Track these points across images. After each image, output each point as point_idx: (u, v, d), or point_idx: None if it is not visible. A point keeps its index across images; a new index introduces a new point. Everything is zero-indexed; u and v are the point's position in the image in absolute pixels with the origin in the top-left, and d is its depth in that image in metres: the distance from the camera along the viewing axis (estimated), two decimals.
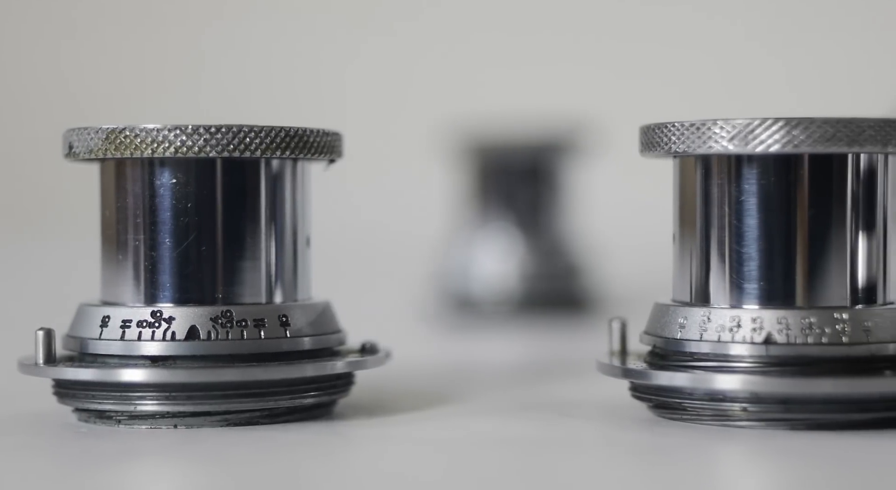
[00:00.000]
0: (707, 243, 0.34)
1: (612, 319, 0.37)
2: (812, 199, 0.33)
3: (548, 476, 0.29)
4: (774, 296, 0.33)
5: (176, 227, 0.34)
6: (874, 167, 0.34)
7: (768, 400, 0.33)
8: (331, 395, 0.35)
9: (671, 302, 0.35)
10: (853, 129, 0.32)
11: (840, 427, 0.32)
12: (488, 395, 0.39)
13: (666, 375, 0.34)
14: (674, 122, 0.34)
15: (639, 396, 0.35)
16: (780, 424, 0.33)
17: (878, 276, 0.34)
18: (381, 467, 0.30)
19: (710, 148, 0.33)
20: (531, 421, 0.35)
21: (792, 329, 0.33)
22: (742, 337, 0.33)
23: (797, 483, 0.29)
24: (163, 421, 0.33)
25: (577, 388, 0.41)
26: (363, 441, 0.33)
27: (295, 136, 0.34)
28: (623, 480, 0.29)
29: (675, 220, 0.35)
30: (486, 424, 0.35)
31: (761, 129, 0.33)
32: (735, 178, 0.34)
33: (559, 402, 0.38)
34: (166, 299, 0.34)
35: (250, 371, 0.33)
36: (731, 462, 0.31)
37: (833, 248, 0.33)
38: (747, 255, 0.34)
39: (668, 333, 0.34)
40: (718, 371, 0.33)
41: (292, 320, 0.34)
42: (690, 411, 0.34)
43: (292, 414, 0.34)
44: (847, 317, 0.33)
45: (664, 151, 0.34)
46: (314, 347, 0.34)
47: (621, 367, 0.35)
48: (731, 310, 0.33)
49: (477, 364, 0.51)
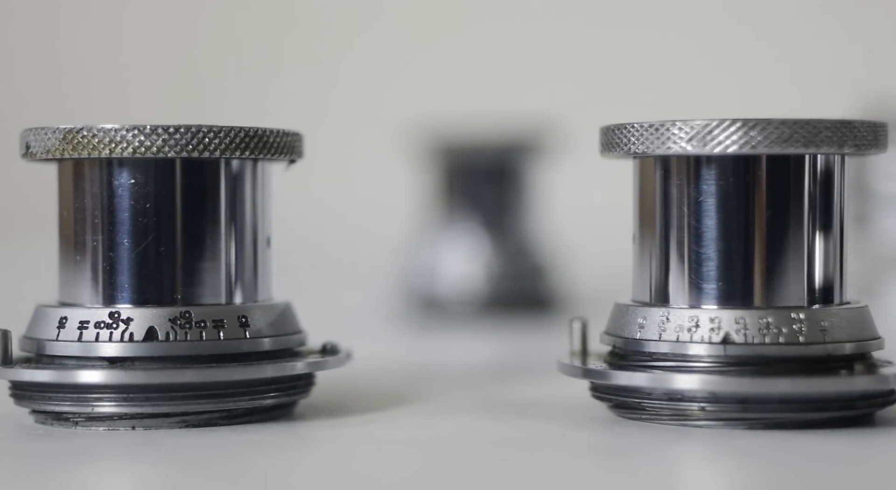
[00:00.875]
0: (666, 244, 0.34)
1: (572, 319, 0.37)
2: (770, 199, 0.33)
3: (506, 476, 0.29)
4: (733, 296, 0.33)
5: (134, 227, 0.33)
6: (831, 168, 0.34)
7: (726, 399, 0.33)
8: (291, 395, 0.35)
9: (631, 302, 0.35)
10: (810, 130, 0.33)
11: (797, 426, 0.33)
12: (450, 396, 0.39)
13: (625, 375, 0.34)
14: (633, 122, 0.34)
15: (599, 396, 0.35)
16: (737, 424, 0.33)
17: (835, 276, 0.34)
18: (340, 468, 0.30)
19: (668, 149, 0.33)
20: (491, 421, 0.35)
21: (749, 329, 0.33)
22: (700, 337, 0.33)
23: (755, 482, 0.29)
24: (121, 422, 0.33)
25: (539, 388, 0.41)
26: (322, 442, 0.33)
27: (254, 137, 0.34)
28: (581, 480, 0.29)
29: (635, 220, 0.36)
30: (446, 425, 0.35)
31: (719, 130, 0.33)
32: (694, 178, 0.34)
33: (520, 402, 0.38)
34: (124, 300, 0.33)
35: (209, 372, 0.33)
36: (690, 462, 0.31)
37: (790, 249, 0.34)
38: (706, 256, 0.34)
39: (627, 333, 0.34)
40: (677, 371, 0.33)
41: (252, 321, 0.34)
42: (649, 411, 0.34)
43: (252, 415, 0.34)
44: (804, 317, 0.33)
45: (624, 152, 0.35)
46: (274, 348, 0.34)
47: (581, 367, 0.35)
48: (690, 310, 0.34)
49: (441, 364, 0.51)
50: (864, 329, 0.34)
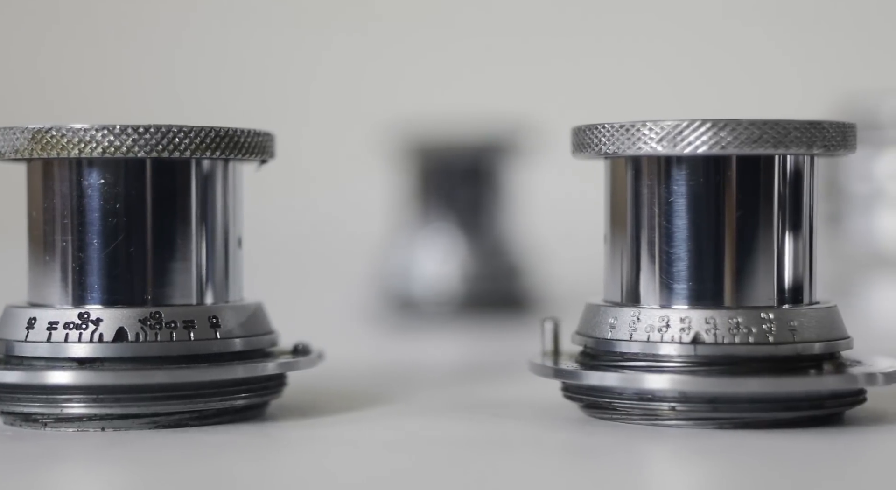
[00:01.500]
0: (637, 244, 0.34)
1: (544, 320, 0.37)
2: (740, 200, 0.34)
3: (476, 476, 0.29)
4: (703, 296, 0.34)
5: (104, 227, 0.33)
6: (800, 168, 0.34)
7: (696, 399, 0.33)
8: (262, 396, 0.35)
9: (602, 302, 0.35)
10: (779, 131, 0.33)
11: (766, 426, 0.33)
12: (422, 396, 0.39)
13: (596, 375, 0.34)
14: (604, 123, 0.34)
15: (570, 396, 0.35)
16: (707, 423, 0.33)
17: (805, 276, 0.34)
18: (310, 468, 0.30)
19: (639, 149, 0.34)
20: (462, 421, 0.35)
21: (719, 329, 0.33)
22: (671, 337, 0.33)
23: (724, 481, 0.29)
24: (90, 423, 0.33)
25: (511, 388, 0.41)
26: (293, 442, 0.33)
27: (225, 137, 0.34)
28: (551, 480, 0.29)
29: (606, 220, 0.36)
30: (417, 425, 0.35)
31: (689, 131, 0.33)
32: (664, 179, 0.34)
33: (492, 402, 0.38)
34: (94, 301, 0.33)
35: (179, 373, 0.33)
36: (660, 461, 0.31)
37: (760, 249, 0.34)
38: (676, 256, 0.34)
39: (598, 334, 0.34)
40: (647, 371, 0.33)
41: (223, 321, 0.34)
42: (620, 411, 0.34)
43: (222, 416, 0.34)
44: (773, 317, 0.33)
45: (595, 152, 0.35)
46: (245, 349, 0.34)
47: (552, 367, 0.35)
48: (661, 310, 0.34)
49: (415, 364, 0.51)
50: (834, 329, 0.34)
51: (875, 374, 0.33)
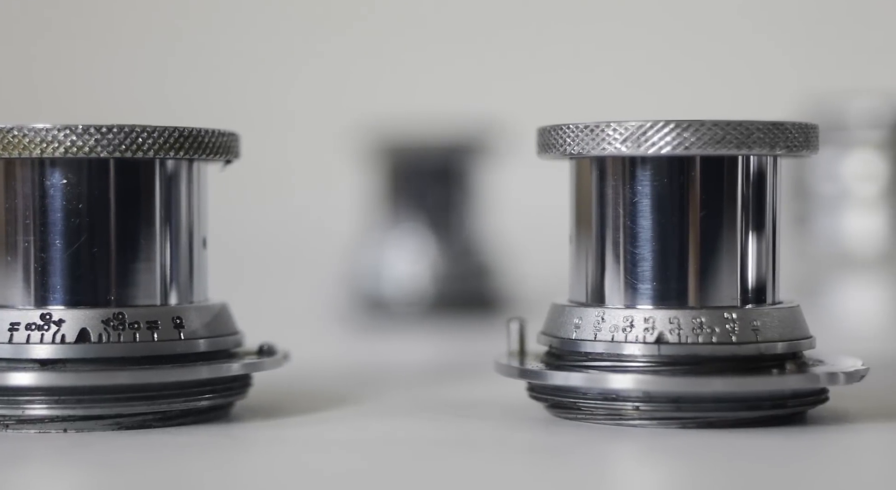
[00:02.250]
0: (602, 244, 0.35)
1: (510, 320, 0.37)
2: (703, 200, 0.34)
3: (439, 476, 0.29)
4: (667, 296, 0.34)
5: (67, 228, 0.33)
6: (764, 169, 0.34)
7: (660, 399, 0.33)
8: (226, 397, 0.34)
9: (567, 302, 0.35)
10: (742, 132, 0.33)
11: (729, 425, 0.33)
12: (388, 396, 0.39)
13: (561, 375, 0.34)
14: (568, 124, 0.34)
15: (535, 396, 0.35)
16: (671, 423, 0.33)
17: (768, 276, 0.34)
18: (274, 469, 0.30)
19: (603, 150, 0.34)
20: (427, 421, 0.35)
21: (683, 329, 0.33)
22: (635, 337, 0.33)
23: (688, 481, 0.29)
24: (52, 425, 0.33)
25: (478, 388, 0.41)
26: (257, 443, 0.33)
27: (189, 137, 0.34)
28: (514, 479, 0.29)
29: (572, 221, 0.36)
30: (382, 425, 0.35)
31: (653, 132, 0.33)
32: (629, 179, 0.34)
33: (458, 402, 0.38)
34: (57, 302, 0.33)
35: (142, 374, 0.32)
36: (623, 461, 0.31)
37: (724, 249, 0.34)
38: (641, 256, 0.34)
39: (563, 334, 0.35)
40: (612, 371, 0.33)
41: (186, 322, 0.34)
42: (585, 411, 0.34)
43: (186, 417, 0.34)
44: (736, 316, 0.33)
45: (560, 153, 0.35)
46: (209, 349, 0.34)
47: (518, 367, 0.35)
48: (625, 310, 0.34)
49: (383, 365, 0.51)
50: (796, 328, 0.34)
51: (837, 373, 0.33)
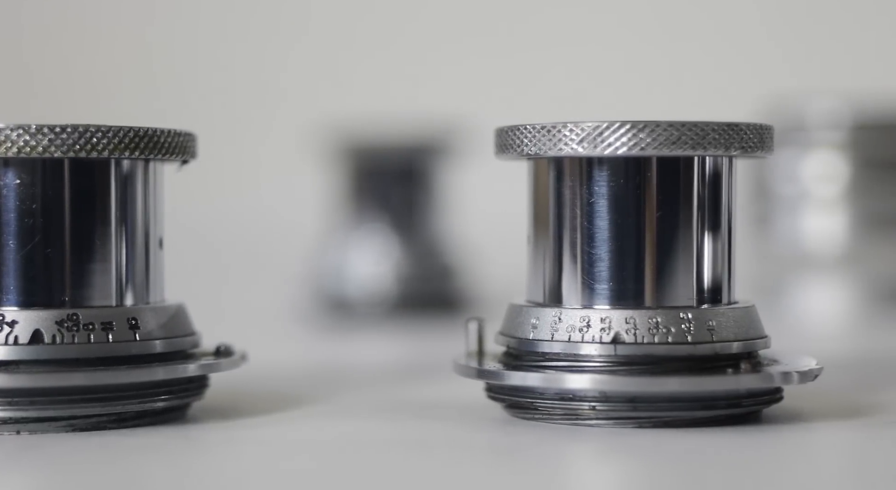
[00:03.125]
0: (559, 244, 0.35)
1: (468, 320, 0.37)
2: (660, 200, 0.34)
3: (394, 477, 0.29)
4: (623, 296, 0.34)
5: (20, 228, 0.33)
6: (719, 169, 0.34)
7: (616, 399, 0.33)
8: (183, 398, 0.34)
9: (525, 302, 0.35)
10: (697, 133, 0.33)
11: (685, 424, 0.33)
12: (347, 397, 0.39)
13: (518, 375, 0.34)
14: (525, 124, 0.34)
15: (493, 397, 0.35)
16: (627, 423, 0.33)
17: (724, 276, 0.35)
18: (228, 470, 0.30)
19: (560, 150, 0.34)
20: (385, 422, 0.35)
21: (639, 329, 0.33)
22: (591, 337, 0.33)
23: (643, 480, 0.30)
24: (5, 427, 0.32)
25: (437, 389, 0.41)
26: (212, 444, 0.33)
27: (144, 137, 0.34)
28: (469, 480, 0.29)
29: (529, 221, 0.36)
30: (338, 426, 0.35)
31: (609, 132, 0.33)
32: (586, 180, 0.34)
33: (417, 403, 0.38)
34: (10, 303, 0.33)
35: (96, 375, 0.32)
36: (579, 461, 0.31)
37: (680, 249, 0.34)
38: (597, 257, 0.34)
39: (521, 334, 0.35)
40: (569, 371, 0.33)
41: (142, 323, 0.34)
42: (542, 411, 0.34)
43: (142, 418, 0.34)
44: (692, 316, 0.33)
45: (517, 153, 0.35)
46: (165, 350, 0.34)
47: (475, 367, 0.35)
48: (582, 310, 0.34)
49: (345, 365, 0.51)
50: (751, 328, 0.34)
51: (791, 372, 0.33)
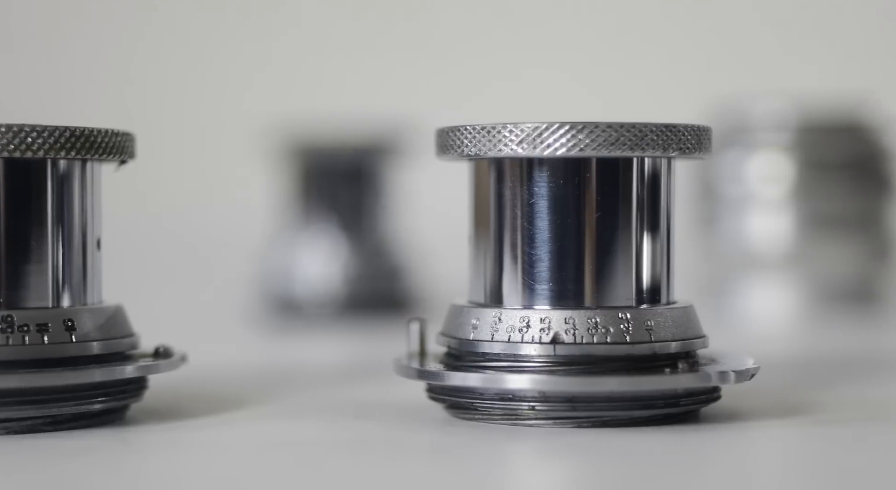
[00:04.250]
0: (500, 245, 0.35)
1: (410, 320, 0.37)
2: (599, 201, 0.34)
3: (332, 478, 0.29)
4: (563, 296, 0.34)
5: None
6: (658, 170, 0.35)
7: (555, 399, 0.33)
8: (120, 400, 0.34)
9: (466, 303, 0.35)
10: (635, 134, 0.33)
11: (623, 424, 0.33)
12: (290, 398, 0.39)
13: (459, 376, 0.34)
14: (466, 125, 0.35)
15: (434, 397, 0.35)
16: (566, 422, 0.33)
17: (663, 276, 0.35)
18: (162, 472, 0.30)
19: (500, 151, 0.34)
20: (326, 423, 0.35)
21: (578, 329, 0.33)
22: (531, 337, 0.33)
23: (582, 479, 0.30)
24: None
25: (380, 389, 0.41)
26: (148, 446, 0.32)
27: (81, 137, 0.33)
28: (406, 481, 0.29)
29: (471, 222, 0.36)
30: (278, 427, 0.34)
31: (548, 133, 0.33)
32: (526, 180, 0.34)
33: (359, 403, 0.38)
34: None
35: (31, 377, 0.32)
36: (517, 460, 0.32)
37: (619, 250, 0.34)
38: (537, 257, 0.34)
39: (461, 334, 0.35)
40: (508, 371, 0.33)
41: (79, 325, 0.33)
42: (482, 411, 0.34)
43: (78, 420, 0.33)
44: (630, 316, 0.33)
45: (458, 154, 0.35)
46: (103, 352, 0.34)
47: (416, 368, 0.35)
48: (522, 311, 0.34)
49: (291, 367, 0.51)
50: (689, 328, 0.34)
51: (727, 372, 0.33)
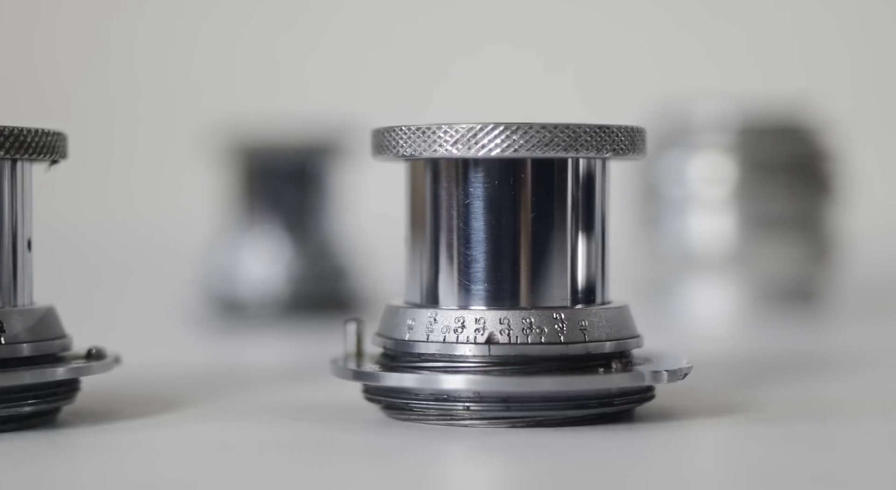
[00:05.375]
0: (436, 246, 0.35)
1: (347, 321, 0.37)
2: (534, 202, 0.34)
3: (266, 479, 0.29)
4: (499, 297, 0.34)
5: None
6: (593, 171, 0.35)
7: (490, 399, 0.33)
8: (51, 402, 0.34)
9: (402, 304, 0.35)
10: (569, 135, 0.34)
11: (558, 424, 0.33)
12: (227, 400, 0.39)
13: (394, 377, 0.34)
14: (401, 126, 0.34)
15: (371, 398, 0.35)
16: (501, 422, 0.33)
17: (598, 276, 0.35)
18: (93, 475, 0.29)
19: (435, 152, 0.34)
20: (261, 424, 0.35)
21: (513, 329, 0.33)
22: (466, 337, 0.33)
23: (515, 479, 0.30)
24: None
25: (319, 390, 0.40)
26: (78, 449, 0.32)
27: (10, 136, 0.33)
28: (341, 481, 0.29)
29: (407, 222, 0.36)
30: (212, 429, 0.34)
31: (483, 134, 0.33)
32: (461, 181, 0.34)
33: (295, 404, 0.38)
34: None
35: None
36: (450, 461, 0.32)
37: (554, 250, 0.34)
38: (473, 258, 0.34)
39: (397, 335, 0.35)
40: (443, 371, 0.33)
41: (8, 327, 0.33)
42: (417, 411, 0.34)
43: (8, 423, 0.33)
44: (565, 316, 0.34)
45: (393, 155, 0.35)
46: (33, 354, 0.33)
47: (351, 369, 0.35)
48: (457, 311, 0.34)
49: (231, 368, 0.50)
50: (623, 328, 0.35)
51: (660, 371, 0.34)
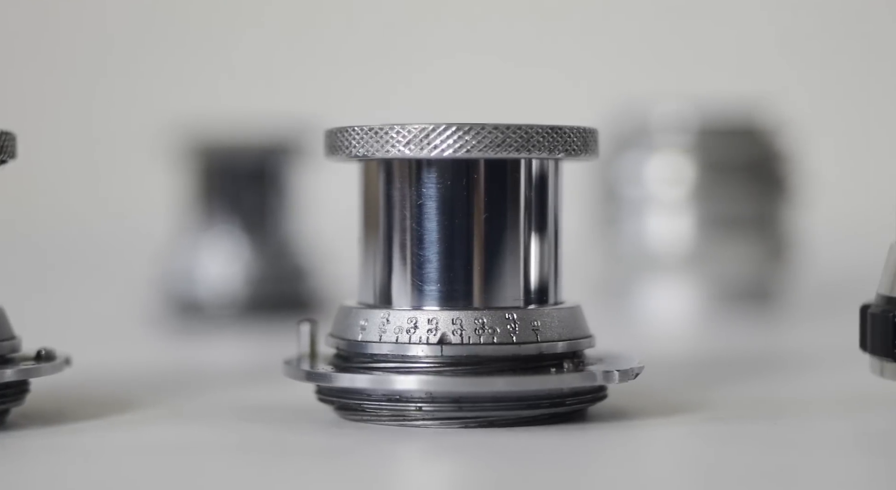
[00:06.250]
0: (389, 246, 0.35)
1: (300, 321, 0.37)
2: (487, 202, 0.34)
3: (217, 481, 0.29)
4: (452, 297, 0.34)
5: None
6: (546, 172, 0.35)
7: (442, 399, 0.33)
8: None
9: (355, 304, 0.35)
10: (522, 136, 0.34)
11: (510, 424, 0.34)
12: (179, 401, 0.39)
13: (347, 377, 0.34)
14: (354, 126, 0.34)
15: (324, 399, 0.35)
16: (453, 423, 0.33)
17: (550, 277, 0.35)
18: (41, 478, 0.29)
19: (388, 152, 0.34)
20: (212, 426, 0.35)
21: (465, 329, 0.33)
22: (419, 338, 0.33)
23: (467, 479, 0.30)
24: None
25: (273, 391, 0.40)
26: (26, 451, 0.32)
27: None
28: (292, 482, 0.29)
29: (360, 223, 0.36)
30: (163, 430, 0.34)
31: (435, 135, 0.33)
32: (414, 181, 0.34)
33: (248, 406, 0.38)
34: None
35: None
36: (402, 461, 0.32)
37: (507, 251, 0.34)
38: (426, 258, 0.34)
39: (350, 336, 0.35)
40: (396, 372, 0.33)
41: None
42: (370, 412, 0.34)
43: None
44: (517, 317, 0.34)
45: (346, 155, 0.35)
46: None
47: (304, 370, 0.35)
48: (410, 311, 0.34)
49: (187, 369, 0.50)
50: (576, 328, 0.35)
51: (612, 371, 0.34)
